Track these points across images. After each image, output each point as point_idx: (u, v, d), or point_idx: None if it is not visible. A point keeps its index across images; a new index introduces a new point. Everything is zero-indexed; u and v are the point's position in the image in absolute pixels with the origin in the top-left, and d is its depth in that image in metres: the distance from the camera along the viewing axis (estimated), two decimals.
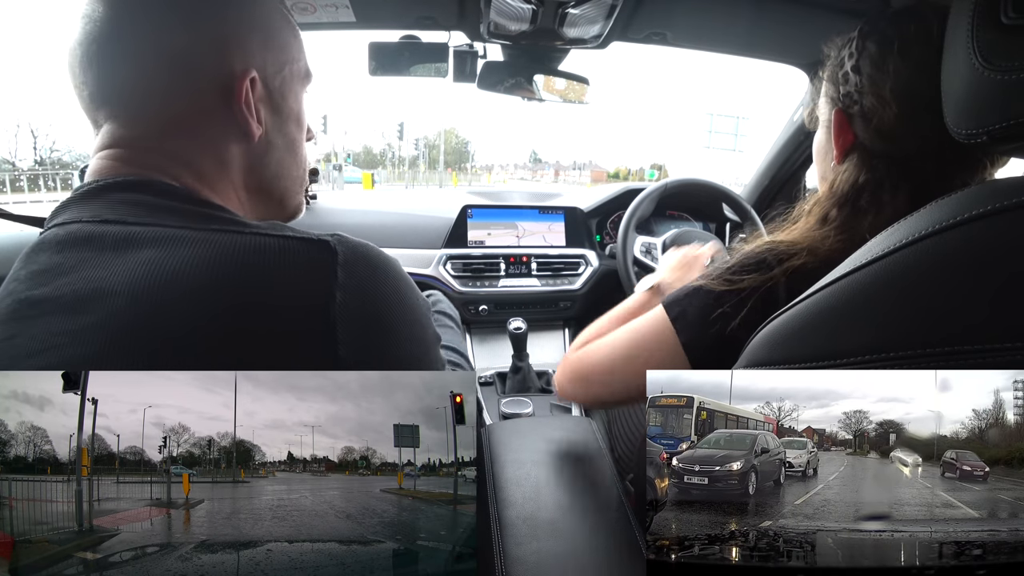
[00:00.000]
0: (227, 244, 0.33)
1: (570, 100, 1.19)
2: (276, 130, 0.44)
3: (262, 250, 0.34)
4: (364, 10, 0.93)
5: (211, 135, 0.40)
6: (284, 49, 0.44)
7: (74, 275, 0.33)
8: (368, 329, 0.35)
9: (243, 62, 0.40)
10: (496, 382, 1.22)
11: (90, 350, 0.31)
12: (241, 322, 0.32)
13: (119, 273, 0.32)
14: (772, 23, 1.01)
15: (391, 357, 0.37)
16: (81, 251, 0.34)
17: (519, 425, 0.88)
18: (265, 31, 0.42)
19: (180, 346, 0.31)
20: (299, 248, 0.34)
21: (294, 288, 0.33)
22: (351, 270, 0.35)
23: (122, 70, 0.38)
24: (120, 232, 0.34)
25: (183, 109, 0.39)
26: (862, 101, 0.49)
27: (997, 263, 0.28)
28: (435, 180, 34.52)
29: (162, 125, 0.39)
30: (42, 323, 0.32)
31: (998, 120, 0.30)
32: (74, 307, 0.32)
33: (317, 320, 0.33)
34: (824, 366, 0.33)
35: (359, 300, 0.35)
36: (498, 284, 1.32)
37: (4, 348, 0.32)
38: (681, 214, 1.50)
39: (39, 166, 34.98)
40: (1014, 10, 0.29)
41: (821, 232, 0.51)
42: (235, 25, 0.40)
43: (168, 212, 0.36)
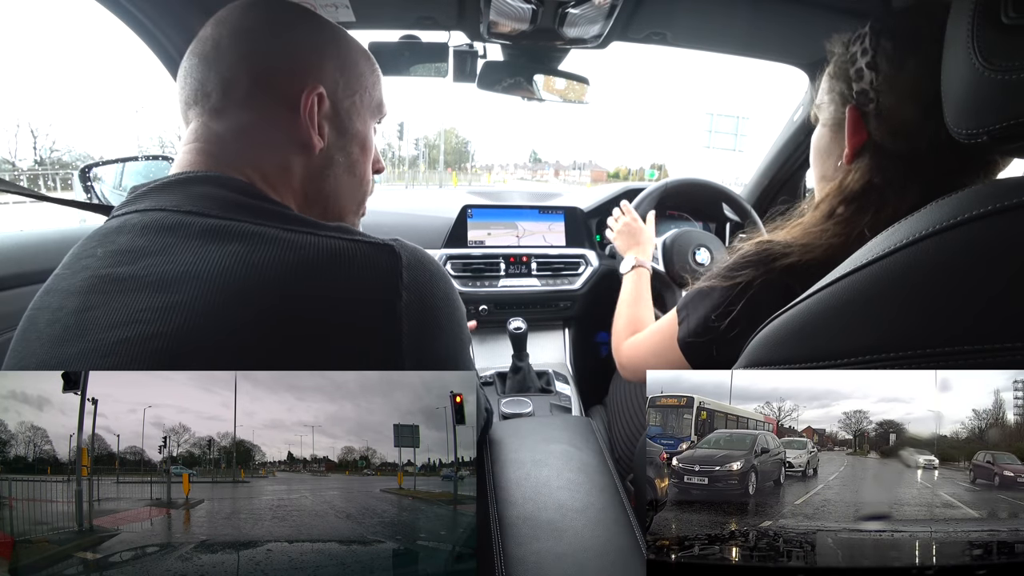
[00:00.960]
0: (306, 243, 0.37)
1: (570, 100, 1.19)
2: (338, 148, 0.48)
3: (337, 251, 0.37)
4: (364, 10, 0.93)
5: (277, 142, 0.44)
6: (358, 79, 0.48)
7: (161, 257, 0.36)
8: (424, 325, 0.39)
9: (313, 79, 0.44)
10: (496, 382, 1.22)
11: (176, 327, 0.33)
12: (319, 314, 0.35)
13: (207, 260, 0.35)
14: (772, 23, 1.01)
15: (439, 352, 0.40)
16: (166, 237, 0.37)
17: (519, 425, 0.88)
18: (340, 58, 0.47)
19: (261, 332, 0.34)
20: (369, 251, 0.38)
21: (367, 286, 0.37)
22: (413, 272, 0.39)
23: (214, 75, 0.43)
24: (204, 223, 0.37)
25: (261, 114, 0.43)
26: (878, 98, 0.49)
27: (997, 263, 0.28)
28: (435, 180, 34.53)
29: (238, 127, 0.43)
30: (125, 298, 0.35)
31: (998, 120, 0.30)
32: (161, 286, 0.34)
33: (387, 316, 0.37)
34: (824, 366, 0.33)
35: (419, 299, 0.38)
36: (498, 284, 1.32)
37: (80, 318, 0.35)
38: (681, 214, 1.49)
39: (39, 166, 34.97)
40: (1014, 10, 0.29)
41: (824, 228, 0.51)
42: (312, 46, 0.45)
43: (243, 208, 0.39)
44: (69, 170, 24.15)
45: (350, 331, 0.36)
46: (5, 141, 39.04)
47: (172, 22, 0.86)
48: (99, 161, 0.91)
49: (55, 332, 0.35)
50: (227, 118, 0.43)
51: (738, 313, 0.52)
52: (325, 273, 0.36)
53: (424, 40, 1.03)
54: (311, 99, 0.44)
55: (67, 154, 41.40)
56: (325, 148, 0.46)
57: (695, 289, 0.59)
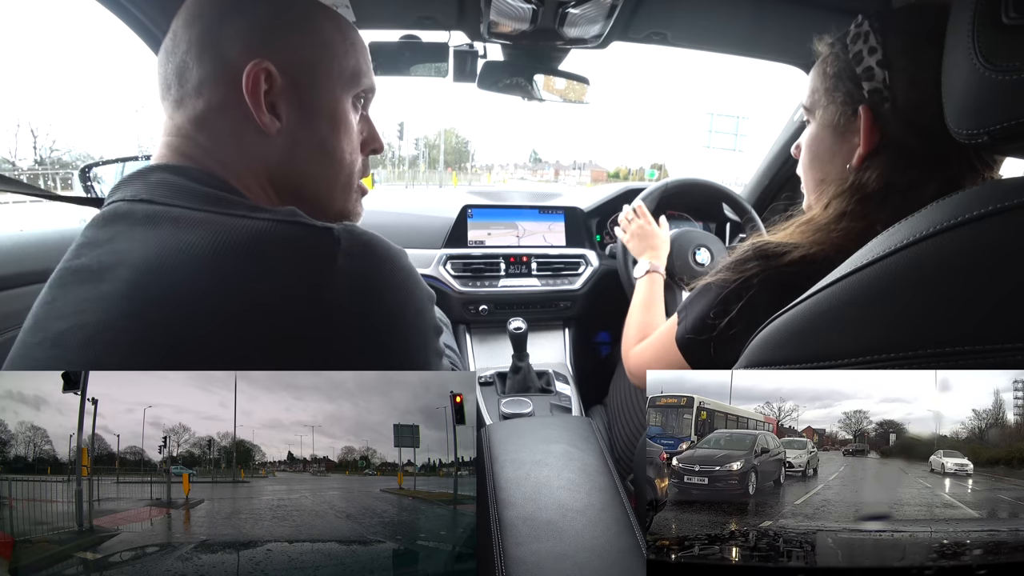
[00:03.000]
0: (234, 226, 0.36)
1: (570, 100, 1.19)
2: (301, 126, 0.44)
3: (264, 232, 0.35)
4: (364, 10, 0.93)
5: (232, 126, 0.42)
6: (320, 48, 0.44)
7: (105, 247, 0.36)
8: (366, 316, 0.36)
9: (254, 54, 0.41)
10: (496, 382, 1.22)
11: (108, 316, 0.33)
12: (242, 298, 0.34)
13: (138, 246, 0.35)
14: (772, 23, 1.01)
15: (393, 343, 0.38)
16: (116, 226, 0.37)
17: (519, 425, 0.88)
18: (293, 27, 0.42)
19: (187, 318, 0.33)
20: (301, 233, 0.36)
21: (291, 269, 0.35)
22: (352, 258, 0.36)
23: (171, 66, 0.42)
24: (147, 210, 0.37)
25: (210, 100, 0.41)
26: (895, 96, 0.47)
27: (998, 263, 0.28)
28: (435, 180, 34.53)
29: (196, 115, 0.42)
30: (76, 289, 0.35)
31: (999, 120, 0.30)
32: (100, 275, 0.35)
33: (313, 301, 0.35)
34: (825, 366, 0.33)
35: (355, 288, 0.36)
36: (498, 284, 1.32)
37: (45, 311, 0.36)
38: (681, 214, 1.49)
39: (39, 166, 34.97)
40: (1015, 10, 0.29)
41: (838, 226, 0.50)
42: (258, 21, 0.42)
43: (191, 194, 0.38)
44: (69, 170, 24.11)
45: (276, 317, 0.34)
46: (5, 141, 39.07)
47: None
48: (99, 161, 0.92)
49: (29, 323, 0.37)
50: (185, 108, 0.42)
51: (736, 312, 0.52)
52: (252, 256, 0.35)
53: (424, 40, 1.03)
54: (253, 76, 0.40)
55: (67, 154, 41.41)
56: (285, 128, 0.43)
57: (698, 288, 0.59)
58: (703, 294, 0.57)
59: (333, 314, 0.35)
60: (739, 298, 0.51)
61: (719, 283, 0.54)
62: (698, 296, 0.58)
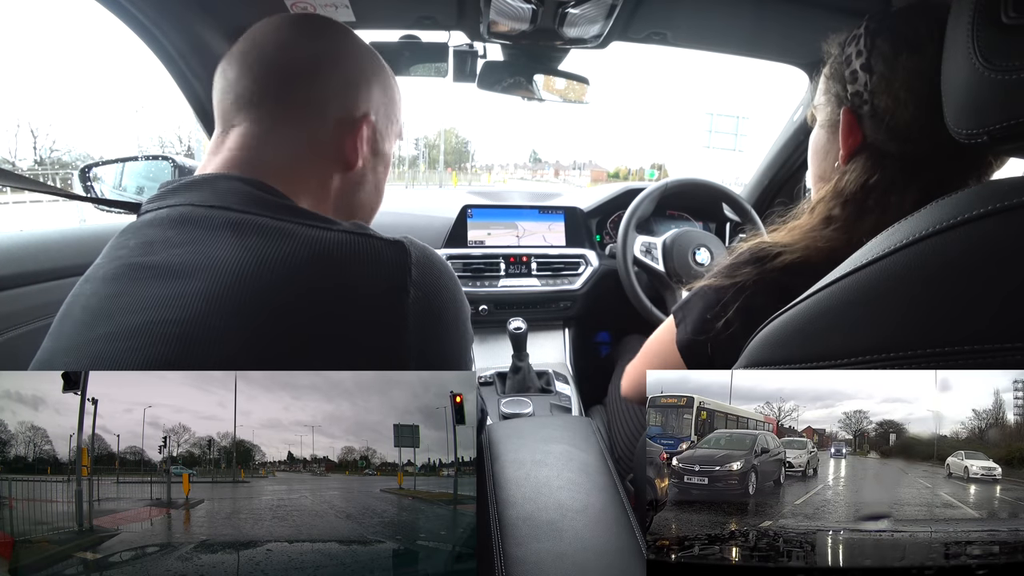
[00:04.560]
0: (319, 238, 0.38)
1: (570, 100, 1.19)
2: (372, 168, 0.52)
3: (348, 244, 0.39)
4: (364, 10, 0.93)
5: (323, 162, 0.47)
6: (394, 105, 0.53)
7: (185, 248, 0.38)
8: (429, 322, 0.40)
9: (365, 106, 0.49)
10: (496, 382, 1.22)
11: (191, 313, 0.35)
12: (326, 305, 0.36)
13: (225, 251, 0.37)
14: (772, 23, 1.01)
15: (442, 350, 0.42)
16: (193, 230, 0.39)
17: (519, 425, 0.88)
18: (383, 87, 0.51)
19: (270, 321, 0.35)
20: (380, 246, 0.40)
21: (376, 280, 0.38)
22: (422, 269, 0.40)
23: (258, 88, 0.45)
24: (226, 217, 0.39)
25: (306, 132, 0.46)
26: (873, 100, 0.48)
27: (998, 263, 0.28)
28: (435, 180, 34.55)
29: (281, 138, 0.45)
30: (152, 285, 0.37)
31: (999, 120, 0.30)
32: (183, 273, 0.36)
33: (393, 308, 0.38)
34: (825, 366, 0.33)
35: (426, 296, 0.40)
36: (498, 284, 1.32)
37: (110, 303, 0.37)
38: (681, 214, 1.49)
39: (39, 166, 34.99)
40: (1015, 10, 0.29)
41: (822, 233, 0.51)
42: (363, 75, 0.49)
43: (266, 205, 0.40)
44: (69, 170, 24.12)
45: (356, 322, 0.37)
46: (5, 141, 39.08)
47: (172, 22, 0.86)
48: (99, 161, 0.92)
49: (87, 316, 0.37)
50: (262, 125, 0.45)
51: (733, 313, 0.52)
52: (335, 266, 0.37)
53: (424, 40, 1.02)
54: (364, 126, 0.48)
55: (67, 154, 41.41)
56: (361, 167, 0.49)
57: (691, 292, 0.59)
58: (700, 297, 0.57)
59: (407, 322, 0.38)
60: (736, 300, 0.52)
61: (715, 287, 0.54)
62: (695, 299, 0.58)
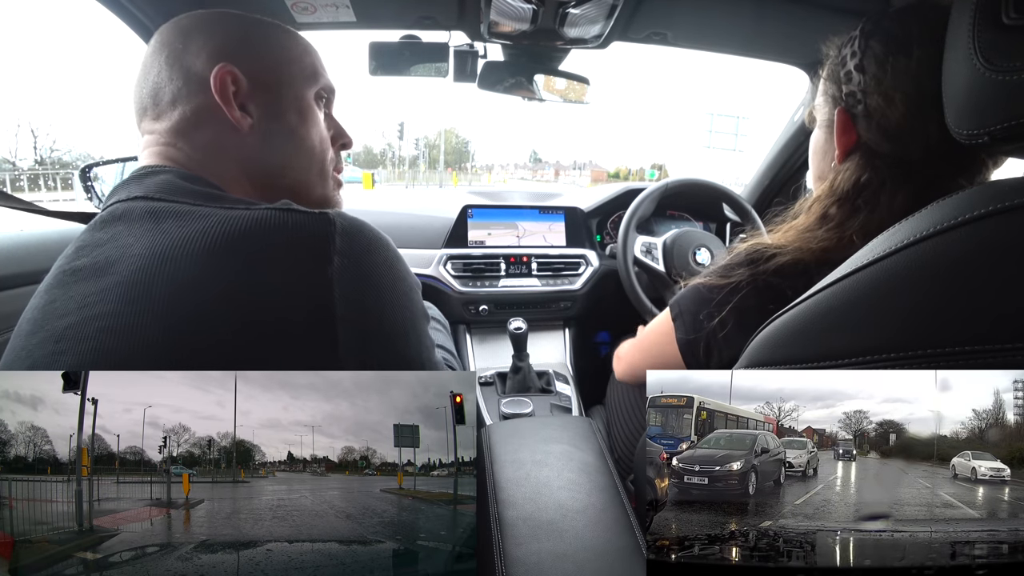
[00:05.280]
0: (236, 217, 0.37)
1: (570, 100, 1.19)
2: (271, 120, 0.48)
3: (265, 220, 0.37)
4: (364, 10, 0.93)
5: (209, 129, 0.46)
6: (277, 51, 0.49)
7: (108, 245, 0.38)
8: (358, 287, 0.38)
9: (219, 60, 0.45)
10: (496, 382, 1.22)
11: (113, 305, 0.35)
12: (245, 281, 0.35)
13: (142, 239, 0.37)
14: (772, 23, 1.01)
15: (382, 318, 0.40)
16: (116, 226, 0.39)
17: (519, 425, 0.88)
18: (248, 39, 0.48)
19: (192, 300, 0.34)
20: (304, 220, 0.38)
21: (298, 250, 0.37)
22: (348, 238, 0.39)
23: (145, 91, 0.46)
24: (147, 206, 0.39)
25: (185, 110, 0.45)
26: (866, 101, 0.49)
27: (998, 264, 0.28)
28: (435, 180, 34.54)
29: (173, 126, 0.45)
30: (78, 287, 0.37)
31: (999, 120, 0.30)
32: (104, 270, 0.37)
33: (316, 275, 0.37)
34: (826, 366, 0.33)
35: (353, 263, 0.38)
36: (498, 284, 1.32)
37: (45, 311, 0.37)
38: (681, 214, 1.49)
39: (39, 166, 34.99)
40: (1015, 10, 0.29)
41: (816, 232, 0.51)
42: (214, 37, 0.46)
43: (187, 192, 0.41)
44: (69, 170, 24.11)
45: (278, 296, 0.36)
46: (5, 141, 39.08)
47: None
48: (99, 161, 0.91)
49: (28, 326, 0.38)
50: (163, 121, 0.46)
51: (727, 313, 0.52)
52: (253, 240, 0.36)
53: (424, 40, 1.03)
54: (220, 78, 0.44)
55: (67, 154, 41.42)
56: (256, 123, 0.47)
57: (687, 288, 0.59)
58: (697, 295, 0.57)
59: (333, 293, 0.37)
60: (730, 300, 0.52)
61: (709, 285, 0.55)
62: (691, 298, 0.58)
